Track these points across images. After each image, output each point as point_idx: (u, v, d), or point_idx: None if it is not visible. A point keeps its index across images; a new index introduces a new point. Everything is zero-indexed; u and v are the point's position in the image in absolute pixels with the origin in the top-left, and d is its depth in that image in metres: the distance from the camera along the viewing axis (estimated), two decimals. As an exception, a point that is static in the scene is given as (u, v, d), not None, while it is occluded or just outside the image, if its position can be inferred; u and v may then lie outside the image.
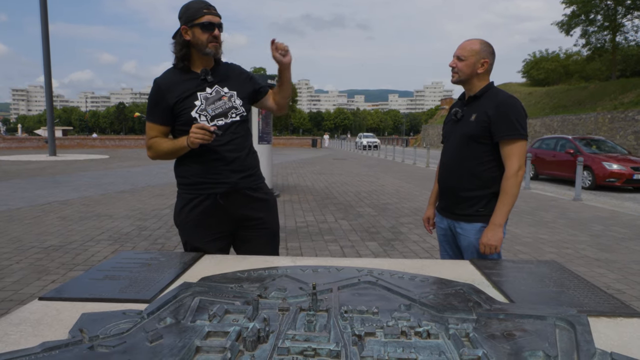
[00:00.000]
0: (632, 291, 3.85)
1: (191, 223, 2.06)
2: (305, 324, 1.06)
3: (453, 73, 2.19)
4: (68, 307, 1.24)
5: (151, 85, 2.07)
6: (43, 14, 19.99)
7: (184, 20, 1.96)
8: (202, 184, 2.02)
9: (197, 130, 1.86)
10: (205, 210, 2.03)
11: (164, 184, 11.18)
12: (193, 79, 2.00)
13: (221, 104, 2.01)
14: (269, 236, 2.15)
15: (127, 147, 37.16)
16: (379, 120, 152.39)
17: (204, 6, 1.94)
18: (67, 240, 5.32)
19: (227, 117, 2.01)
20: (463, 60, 2.13)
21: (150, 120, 2.04)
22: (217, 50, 1.98)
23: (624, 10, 30.58)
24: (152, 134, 2.04)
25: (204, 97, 1.99)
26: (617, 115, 23.86)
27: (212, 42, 1.95)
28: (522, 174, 2.07)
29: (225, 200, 2.01)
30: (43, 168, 15.74)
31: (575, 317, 1.10)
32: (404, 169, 17.72)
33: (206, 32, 1.93)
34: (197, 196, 2.03)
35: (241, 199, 2.04)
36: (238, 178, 2.02)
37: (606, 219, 7.22)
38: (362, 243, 5.41)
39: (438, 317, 1.13)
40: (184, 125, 1.98)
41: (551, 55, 51.61)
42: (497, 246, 2.07)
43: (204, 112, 1.98)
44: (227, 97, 2.02)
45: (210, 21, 1.93)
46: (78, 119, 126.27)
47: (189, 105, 1.97)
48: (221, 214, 2.03)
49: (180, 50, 1.98)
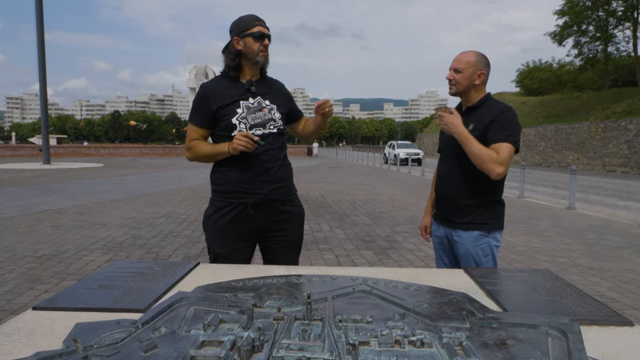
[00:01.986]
0: (626, 300, 3.87)
1: (218, 230, 2.11)
2: (300, 333, 1.06)
3: (451, 85, 2.21)
4: (62, 317, 1.23)
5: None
6: (39, 23, 20.01)
7: (235, 32, 2.08)
8: (235, 193, 2.08)
9: (241, 137, 1.94)
10: (234, 219, 2.08)
11: (159, 192, 11.15)
12: (238, 88, 2.10)
13: (261, 115, 2.09)
14: (291, 248, 2.21)
15: (122, 155, 37.05)
16: (374, 129, 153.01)
17: (255, 18, 2.08)
18: (60, 249, 5.28)
19: (265, 127, 2.09)
20: (460, 72, 2.16)
21: (192, 123, 2.13)
22: (266, 59, 2.09)
23: (615, 22, 31.01)
24: (193, 136, 2.12)
25: (246, 106, 2.08)
26: (609, 124, 24.11)
27: (262, 52, 2.06)
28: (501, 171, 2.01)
29: (255, 211, 2.07)
30: (37, 176, 15.65)
31: (568, 325, 1.11)
32: (399, 177, 17.77)
33: (257, 41, 2.04)
34: (228, 204, 2.09)
35: (271, 211, 2.10)
36: (270, 189, 2.09)
37: (599, 227, 7.26)
38: (357, 252, 5.41)
39: (432, 326, 1.13)
40: (224, 131, 2.07)
41: (544, 65, 52.17)
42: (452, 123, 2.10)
43: (244, 120, 2.06)
44: (267, 109, 2.11)
45: (261, 31, 2.05)
46: (73, 127, 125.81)
47: (230, 112, 2.06)
48: (249, 223, 2.08)
49: (233, 60, 2.08)
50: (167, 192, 11.24)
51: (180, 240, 5.89)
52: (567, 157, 27.28)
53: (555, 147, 28.64)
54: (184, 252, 5.28)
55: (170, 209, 8.57)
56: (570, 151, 27.13)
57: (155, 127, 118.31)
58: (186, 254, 5.19)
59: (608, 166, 23.80)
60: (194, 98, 2.16)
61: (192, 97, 26.36)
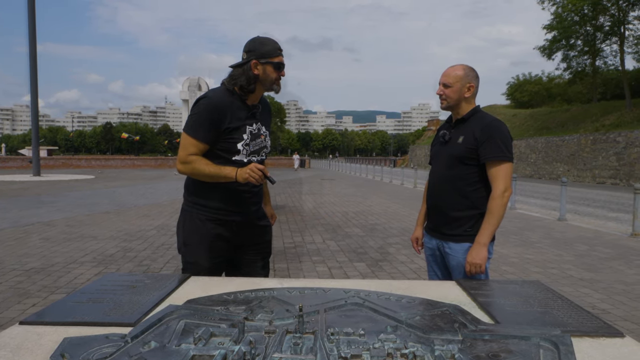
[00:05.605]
0: (617, 311, 3.89)
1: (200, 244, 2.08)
2: (292, 346, 1.06)
3: (442, 100, 2.25)
4: (49, 332, 1.21)
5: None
6: (31, 34, 19.98)
7: (256, 55, 2.01)
8: (222, 210, 2.08)
9: (256, 170, 1.93)
10: (217, 234, 2.09)
11: (151, 204, 11.08)
12: (244, 110, 2.07)
13: (259, 142, 2.14)
14: (263, 260, 2.30)
15: (114, 167, 36.81)
16: (367, 141, 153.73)
17: (278, 47, 2.07)
18: (49, 263, 5.21)
19: (259, 154, 2.15)
20: (450, 87, 2.19)
21: (193, 136, 2.00)
22: (279, 89, 2.11)
23: (602, 36, 31.60)
24: (191, 150, 2.00)
25: (250, 132, 2.09)
26: (599, 137, 24.43)
27: (278, 81, 2.08)
28: (508, 195, 2.12)
29: (239, 228, 2.13)
30: (27, 188, 15.49)
31: (559, 337, 1.11)
32: (392, 189, 17.82)
33: (277, 71, 2.05)
34: (213, 220, 2.08)
35: (250, 227, 2.17)
36: (254, 209, 2.18)
37: (590, 239, 7.32)
38: (350, 264, 5.39)
39: (424, 339, 1.13)
40: (225, 152, 2.03)
41: (534, 78, 52.90)
42: (482, 265, 2.10)
43: (247, 147, 2.08)
44: (263, 137, 2.16)
45: (282, 62, 2.06)
46: (64, 139, 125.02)
47: (237, 136, 2.04)
48: (230, 239, 2.12)
49: (248, 85, 2.03)
50: (158, 204, 11.16)
51: (171, 252, 5.84)
52: (558, 168, 27.56)
53: (546, 159, 28.93)
54: (176, 264, 5.23)
55: (162, 221, 8.50)
56: (561, 163, 27.41)
57: (147, 138, 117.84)
58: (178, 266, 5.14)
59: (598, 178, 24.07)
60: (197, 109, 2.02)
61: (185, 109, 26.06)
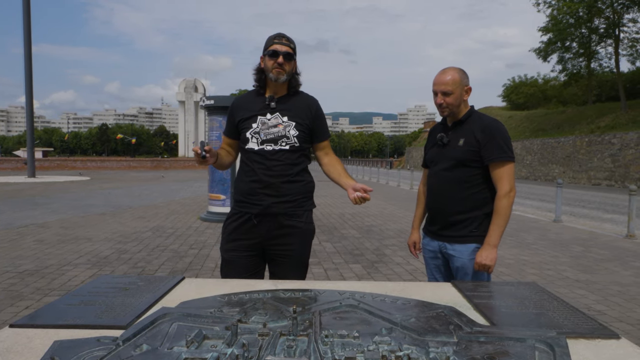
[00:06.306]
0: (613, 312, 3.89)
1: (227, 234, 2.22)
2: (285, 349, 1.05)
3: (442, 109, 2.20)
4: (40, 335, 1.20)
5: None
6: (26, 35, 19.89)
7: (263, 51, 2.19)
8: (242, 202, 2.19)
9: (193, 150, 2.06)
10: (240, 226, 2.18)
11: (146, 206, 11.03)
12: (259, 103, 2.20)
13: (275, 131, 2.15)
14: (294, 264, 2.24)
15: (110, 168, 36.67)
16: (363, 142, 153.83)
17: (275, 37, 2.15)
18: (43, 265, 5.17)
19: (277, 144, 2.14)
20: (451, 94, 2.15)
21: (223, 133, 2.36)
22: (277, 76, 2.11)
23: (597, 39, 31.77)
24: (223, 144, 2.34)
25: (261, 122, 2.16)
26: (594, 138, 24.55)
27: (275, 69, 2.11)
28: (513, 195, 2.14)
29: (259, 221, 2.14)
30: (21, 190, 15.40)
31: (554, 339, 1.10)
32: (388, 190, 17.83)
33: (271, 59, 2.11)
34: (238, 212, 2.20)
35: (273, 223, 2.15)
36: (271, 202, 2.13)
37: (585, 240, 7.34)
38: (346, 266, 5.38)
39: (419, 341, 1.12)
40: (242, 142, 2.21)
41: (530, 80, 53.12)
42: (492, 266, 2.12)
43: (257, 136, 2.15)
44: (282, 126, 2.16)
45: (275, 50, 2.11)
46: (59, 140, 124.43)
47: (247, 126, 2.17)
48: (253, 233, 2.16)
49: (258, 77, 2.21)
50: (154, 206, 11.12)
51: (167, 254, 5.81)
52: (553, 170, 27.66)
53: (542, 160, 29.04)
54: (171, 266, 5.20)
55: (157, 222, 8.47)
56: (557, 165, 27.52)
57: (143, 140, 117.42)
58: (173, 268, 5.12)
59: (593, 179, 24.17)
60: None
61: (182, 111, 25.96)
